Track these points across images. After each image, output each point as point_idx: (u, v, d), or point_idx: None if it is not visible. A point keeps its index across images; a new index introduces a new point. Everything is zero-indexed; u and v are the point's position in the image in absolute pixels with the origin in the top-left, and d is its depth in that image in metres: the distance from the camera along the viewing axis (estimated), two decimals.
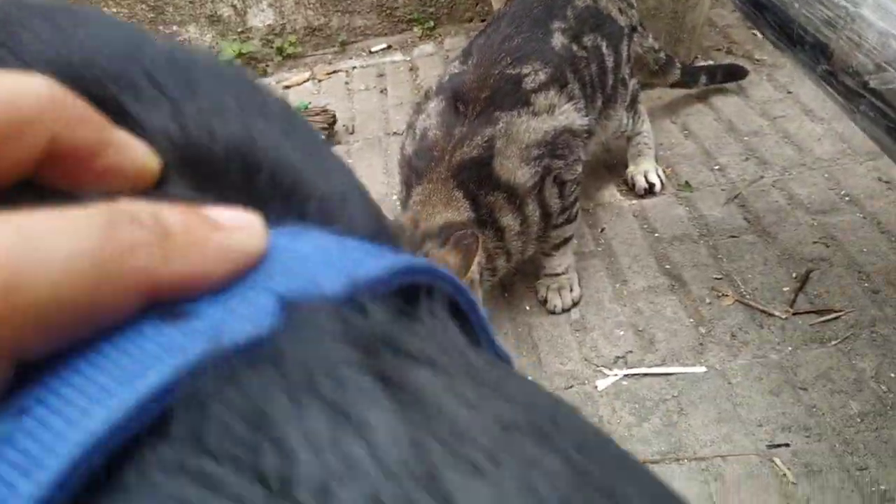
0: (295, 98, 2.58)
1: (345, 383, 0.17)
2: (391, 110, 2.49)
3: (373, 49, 2.86)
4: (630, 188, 1.94)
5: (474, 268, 1.28)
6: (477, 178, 1.38)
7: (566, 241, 1.60)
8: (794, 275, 1.60)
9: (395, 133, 2.38)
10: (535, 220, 1.45)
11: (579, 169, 1.53)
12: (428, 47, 2.81)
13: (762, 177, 1.92)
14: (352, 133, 2.42)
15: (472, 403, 0.17)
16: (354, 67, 2.76)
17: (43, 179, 0.20)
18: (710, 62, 2.34)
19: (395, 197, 2.05)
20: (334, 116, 2.37)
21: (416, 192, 1.40)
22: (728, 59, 2.37)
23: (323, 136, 2.16)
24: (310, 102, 2.49)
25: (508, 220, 1.41)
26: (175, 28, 2.82)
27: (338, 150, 2.32)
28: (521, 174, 1.40)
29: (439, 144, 1.41)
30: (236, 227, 0.20)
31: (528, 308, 1.64)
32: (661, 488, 0.19)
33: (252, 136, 0.25)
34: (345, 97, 2.59)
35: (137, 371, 0.17)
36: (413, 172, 1.43)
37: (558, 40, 1.54)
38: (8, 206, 0.17)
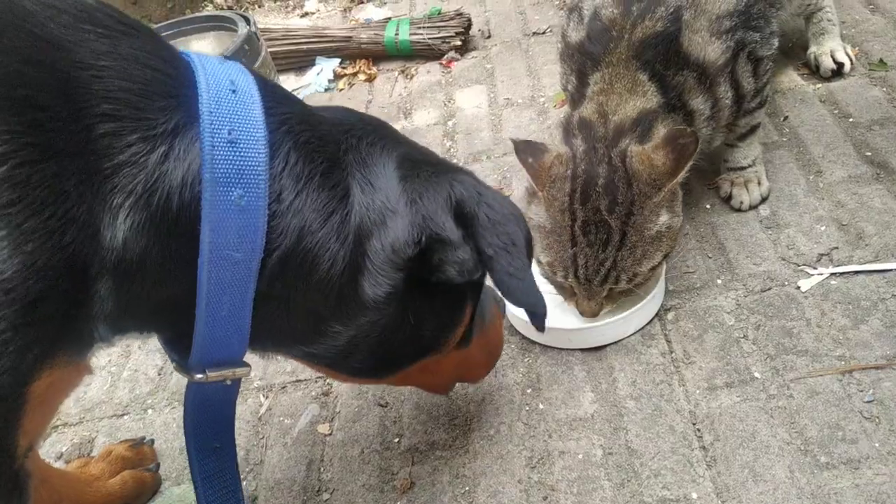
0: (426, 4, 2.45)
1: None
2: (528, 10, 2.33)
3: None
4: (812, 71, 1.73)
5: (684, 171, 1.14)
6: (663, 57, 1.22)
7: (753, 129, 1.42)
8: None
9: (534, 33, 2.22)
10: (727, 103, 1.29)
11: (776, 43, 1.35)
12: None
13: None
14: (488, 37, 2.27)
15: None
16: None
17: None
18: None
19: (542, 99, 1.92)
20: (469, 20, 2.23)
21: (595, 80, 1.26)
22: None
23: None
24: (441, 7, 2.36)
25: (698, 104, 1.25)
26: None
27: (475, 56, 2.19)
28: (711, 50, 1.24)
29: (616, 22, 1.25)
30: None
31: (708, 207, 1.49)
32: None
33: None
34: (477, 0, 2.44)
35: None
36: (587, 58, 1.29)
37: None
38: None
